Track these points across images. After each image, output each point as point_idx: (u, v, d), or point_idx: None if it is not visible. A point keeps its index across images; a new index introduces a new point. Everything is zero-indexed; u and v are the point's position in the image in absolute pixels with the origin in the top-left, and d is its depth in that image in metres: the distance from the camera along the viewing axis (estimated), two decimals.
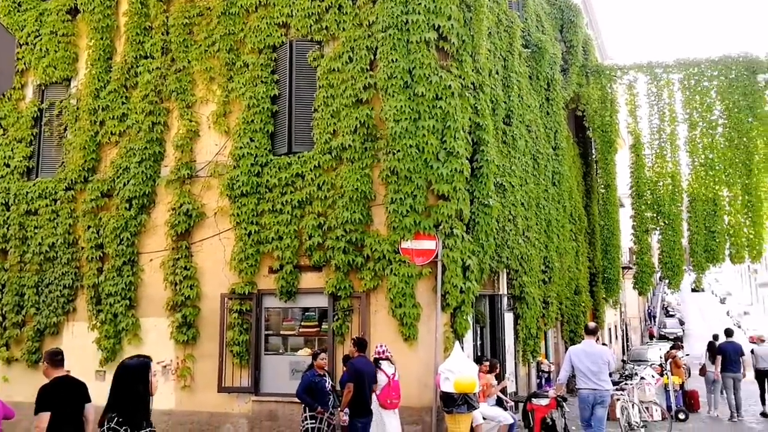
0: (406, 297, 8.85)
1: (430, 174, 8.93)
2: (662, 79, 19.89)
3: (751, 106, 18.93)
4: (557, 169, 15.72)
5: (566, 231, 16.39)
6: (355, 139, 9.33)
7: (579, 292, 17.59)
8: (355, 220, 9.15)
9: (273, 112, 10.13)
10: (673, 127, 19.82)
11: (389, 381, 7.86)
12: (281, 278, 9.58)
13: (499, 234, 10.90)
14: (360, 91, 9.42)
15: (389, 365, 8.03)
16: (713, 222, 19.53)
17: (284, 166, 9.83)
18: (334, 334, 9.28)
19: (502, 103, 11.51)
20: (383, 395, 7.78)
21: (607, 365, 8.05)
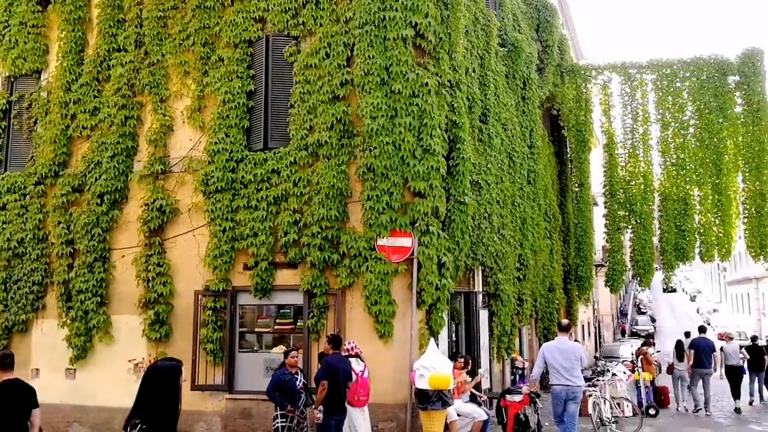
0: (381, 294, 8.86)
1: (406, 171, 8.94)
2: (636, 80, 20.17)
3: (722, 107, 19.30)
4: (532, 167, 15.85)
5: (541, 229, 16.55)
6: (332, 136, 9.29)
7: (553, 289, 17.78)
8: (331, 217, 9.12)
9: (249, 107, 10.04)
10: (646, 127, 20.12)
11: (357, 378, 7.86)
12: (256, 275, 9.51)
13: (475, 231, 10.97)
14: (337, 87, 9.38)
15: (358, 362, 8.02)
16: (684, 221, 19.86)
17: (260, 162, 9.75)
18: (309, 331, 9.24)
19: (478, 101, 11.56)
20: (350, 392, 7.77)
21: (580, 361, 8.14)
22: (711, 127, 19.29)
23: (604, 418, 10.56)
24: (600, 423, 10.43)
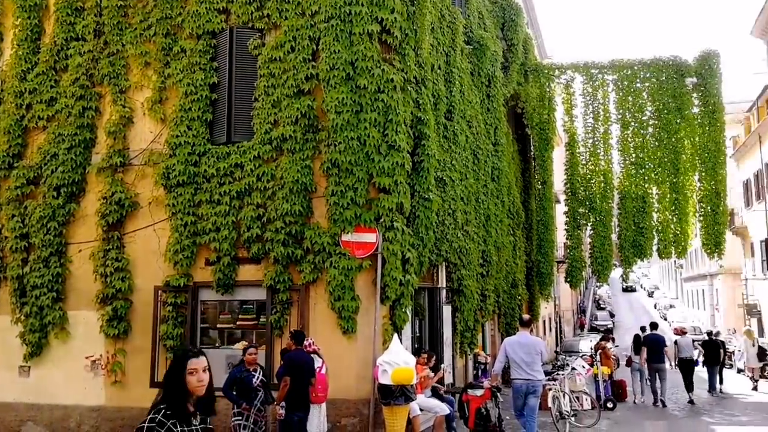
0: (345, 290, 8.84)
1: (371, 167, 8.93)
2: (597, 80, 20.53)
3: (680, 108, 19.79)
4: (496, 164, 16.02)
5: (504, 226, 16.74)
6: (296, 130, 9.22)
7: (516, 285, 18.02)
8: (295, 212, 9.05)
9: (212, 100, 9.88)
10: (607, 126, 20.51)
11: (315, 375, 7.83)
12: (218, 270, 9.38)
13: (439, 228, 11.03)
14: (302, 81, 9.31)
15: (316, 359, 8.00)
16: (642, 218, 20.32)
17: (223, 156, 9.62)
18: (272, 327, 9.17)
19: (443, 98, 11.61)
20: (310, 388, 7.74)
21: (540, 356, 8.27)
22: (669, 127, 19.77)
23: (564, 412, 10.74)
24: (559, 416, 10.62)
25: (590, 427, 10.98)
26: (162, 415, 3.07)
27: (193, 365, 3.16)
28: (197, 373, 3.16)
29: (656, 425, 11.54)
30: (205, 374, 3.18)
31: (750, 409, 14.00)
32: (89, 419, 9.70)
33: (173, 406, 3.11)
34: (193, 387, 3.14)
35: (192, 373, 3.15)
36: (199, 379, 3.16)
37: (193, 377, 3.15)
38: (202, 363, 3.20)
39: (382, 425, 8.51)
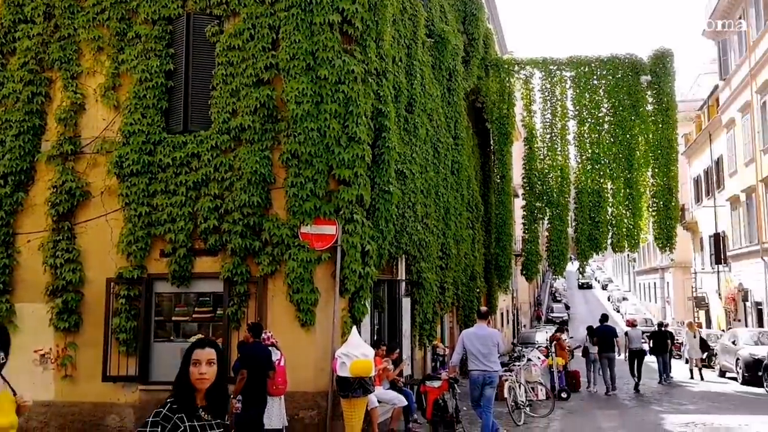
0: (304, 282, 8.77)
1: (331, 159, 8.87)
2: (555, 76, 20.85)
3: (635, 105, 20.27)
4: (456, 158, 16.12)
5: (464, 219, 16.89)
6: (255, 120, 9.08)
7: (474, 277, 18.22)
8: (254, 203, 8.93)
9: (167, 87, 9.64)
10: (564, 122, 20.87)
11: (274, 367, 7.76)
12: (174, 262, 9.20)
13: (399, 220, 11.04)
14: (261, 70, 9.16)
15: (274, 351, 7.93)
16: (598, 213, 20.79)
17: (179, 145, 9.41)
18: (229, 320, 9.05)
19: (404, 90, 11.60)
20: (269, 382, 7.67)
21: (497, 347, 8.38)
22: (624, 124, 20.24)
23: (519, 402, 10.94)
24: (515, 406, 10.80)
25: (544, 416, 11.20)
26: (167, 409, 2.88)
27: (196, 356, 2.93)
28: (199, 365, 2.91)
29: (607, 414, 11.85)
30: (209, 367, 2.92)
31: (697, 397, 14.51)
32: (39, 414, 9.40)
33: (179, 399, 2.91)
34: (194, 379, 2.90)
35: (195, 364, 2.92)
36: (200, 371, 2.91)
37: (194, 369, 2.91)
38: (207, 355, 2.94)
39: (341, 417, 8.50)
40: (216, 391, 2.97)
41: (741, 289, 26.78)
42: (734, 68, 27.14)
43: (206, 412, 2.94)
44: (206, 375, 2.90)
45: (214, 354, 2.96)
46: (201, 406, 2.94)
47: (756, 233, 24.75)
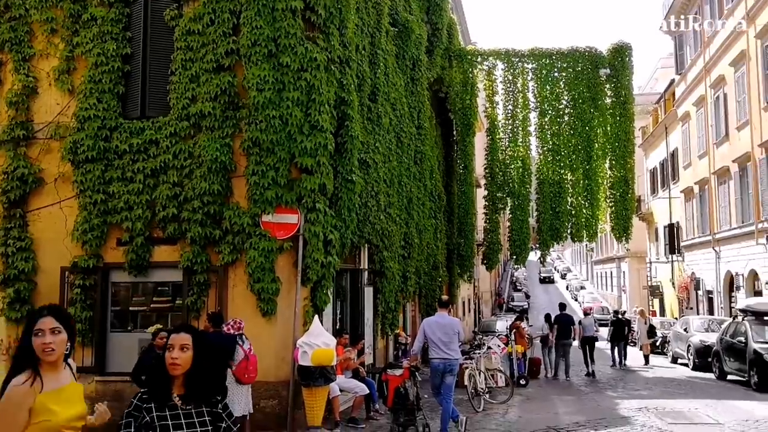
0: (265, 271, 8.70)
1: (293, 147, 8.79)
2: (517, 68, 21.07)
3: (594, 98, 20.65)
4: (420, 148, 16.17)
5: (426, 209, 16.98)
6: (216, 107, 8.93)
7: (436, 267, 18.37)
8: (214, 191, 8.79)
9: (124, 72, 9.40)
10: (525, 113, 21.13)
11: (247, 355, 7.70)
12: (131, 251, 9.01)
13: (362, 210, 11.03)
14: (222, 56, 8.99)
15: (244, 340, 7.86)
16: (558, 203, 21.16)
17: (136, 131, 9.19)
18: (188, 309, 8.92)
19: (368, 79, 11.56)
20: (240, 370, 7.61)
21: (458, 336, 8.46)
22: (583, 117, 20.60)
23: (479, 389, 11.10)
24: (475, 393, 10.96)
25: (503, 402, 11.40)
26: (138, 399, 2.77)
27: (170, 341, 2.82)
28: (172, 350, 2.78)
29: (565, 400, 12.13)
30: (181, 352, 2.77)
31: (650, 383, 14.98)
32: None
33: (149, 387, 2.80)
34: (167, 365, 2.77)
35: (169, 348, 2.79)
36: (171, 356, 2.76)
37: (167, 354, 2.78)
38: (180, 340, 2.80)
39: (302, 407, 8.49)
40: (196, 378, 2.81)
41: (693, 278, 27.68)
42: (690, 63, 27.87)
43: (185, 400, 2.79)
44: (178, 360, 2.76)
45: (189, 339, 2.81)
46: (179, 394, 2.80)
47: (708, 224, 25.58)
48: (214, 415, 2.84)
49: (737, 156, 22.00)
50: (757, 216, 20.42)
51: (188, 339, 2.81)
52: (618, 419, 9.65)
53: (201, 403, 2.81)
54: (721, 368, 15.33)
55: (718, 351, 15.55)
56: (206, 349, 2.88)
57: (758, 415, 9.79)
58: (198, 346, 2.82)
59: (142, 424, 2.70)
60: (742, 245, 21.94)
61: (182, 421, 2.75)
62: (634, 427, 8.90)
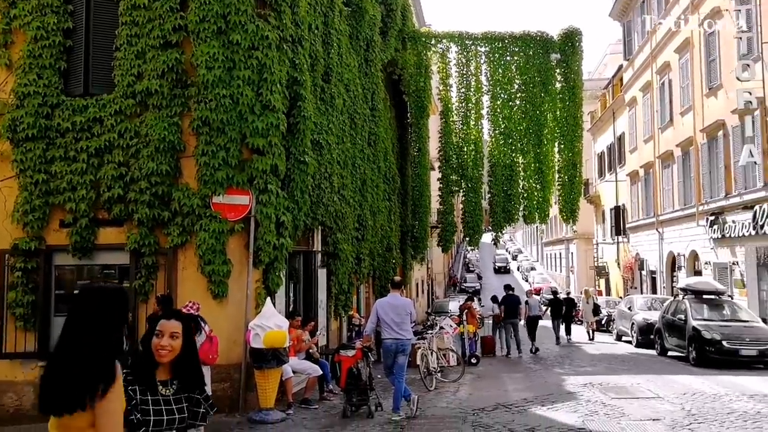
0: (216, 253, 8.57)
1: (244, 127, 8.63)
2: (471, 51, 21.22)
3: (544, 83, 20.99)
4: (373, 130, 16.13)
5: (380, 191, 17.00)
6: (163, 85, 8.68)
7: (390, 249, 18.46)
8: (162, 171, 8.58)
9: (66, 47, 9.03)
10: (478, 96, 21.33)
11: (210, 337, 7.59)
12: (75, 233, 8.73)
13: (315, 191, 10.96)
14: (169, 32, 8.72)
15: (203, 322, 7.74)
16: (510, 186, 21.54)
17: (79, 109, 8.87)
18: (136, 292, 8.72)
19: (321, 59, 11.43)
20: (204, 351, 7.49)
21: (410, 316, 8.55)
22: (534, 101, 20.94)
23: (431, 368, 11.27)
24: (427, 372, 11.12)
25: (455, 381, 11.61)
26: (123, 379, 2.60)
27: (160, 326, 2.77)
28: (162, 337, 2.74)
29: (513, 377, 12.44)
30: (171, 340, 2.74)
31: (595, 360, 15.50)
32: None
33: (134, 370, 2.76)
34: (154, 350, 2.74)
35: (158, 335, 2.75)
36: (160, 343, 2.73)
37: (156, 340, 2.74)
38: (171, 327, 2.76)
39: (254, 389, 8.45)
40: (184, 365, 2.80)
41: (638, 258, 28.65)
42: (637, 50, 28.57)
43: (167, 386, 2.78)
44: (167, 348, 2.74)
45: (180, 327, 2.79)
46: (163, 380, 2.79)
47: (652, 206, 26.46)
48: (192, 401, 2.85)
49: (680, 140, 22.76)
50: (698, 199, 21.24)
51: (178, 326, 2.78)
52: (564, 395, 9.96)
53: (188, 390, 2.82)
54: (662, 345, 15.97)
55: (660, 328, 16.18)
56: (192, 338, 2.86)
57: (695, 388, 10.26)
58: (187, 334, 2.80)
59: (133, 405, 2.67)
60: (683, 227, 22.80)
61: (162, 407, 2.75)
62: (579, 402, 9.21)
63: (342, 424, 8.10)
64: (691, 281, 16.68)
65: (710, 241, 20.29)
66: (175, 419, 2.77)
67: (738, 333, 13.57)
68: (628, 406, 8.78)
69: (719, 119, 19.30)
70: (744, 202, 17.84)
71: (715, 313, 14.61)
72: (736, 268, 18.69)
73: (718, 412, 8.31)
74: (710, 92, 20.19)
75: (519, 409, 8.85)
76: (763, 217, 16.54)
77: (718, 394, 9.63)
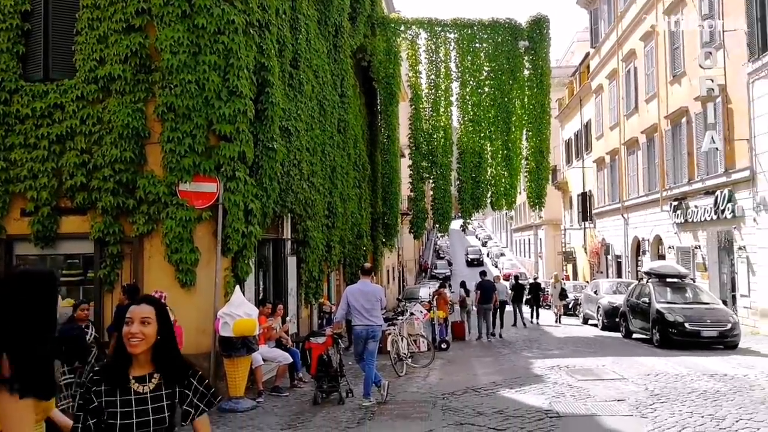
0: (183, 242, 8.45)
1: (211, 113, 8.49)
2: (440, 37, 21.21)
3: (513, 70, 21.11)
4: (343, 116, 16.04)
5: (350, 178, 16.95)
6: (126, 70, 8.47)
7: (361, 236, 18.45)
8: (126, 158, 8.40)
9: (24, 30, 8.74)
10: (448, 83, 21.37)
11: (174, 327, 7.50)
12: (37, 222, 8.52)
13: (284, 178, 10.87)
14: (132, 15, 8.51)
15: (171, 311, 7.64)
16: (479, 173, 21.69)
17: (39, 95, 8.61)
18: (101, 282, 8.57)
19: (289, 45, 11.29)
20: None
21: (380, 303, 8.57)
22: (503, 88, 21.07)
23: (402, 354, 11.34)
24: (397, 358, 11.19)
25: (425, 366, 11.70)
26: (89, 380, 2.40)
27: (129, 313, 2.44)
28: (131, 324, 2.40)
29: (483, 361, 12.59)
30: (142, 326, 2.39)
31: (562, 343, 15.78)
32: None
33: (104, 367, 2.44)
34: (125, 340, 2.39)
35: (127, 322, 2.41)
36: (131, 331, 2.38)
37: (126, 329, 2.39)
38: (141, 312, 2.41)
39: (224, 378, 8.40)
40: (162, 354, 2.45)
41: (604, 243, 29.19)
42: (603, 37, 28.91)
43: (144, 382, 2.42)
44: (138, 335, 2.38)
45: (151, 311, 2.43)
46: (141, 375, 2.43)
47: (618, 192, 26.94)
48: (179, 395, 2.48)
49: (645, 127, 23.18)
50: (662, 184, 21.69)
51: (150, 311, 2.43)
52: (532, 378, 10.13)
53: (172, 383, 2.46)
54: (627, 327, 16.34)
55: (625, 311, 16.54)
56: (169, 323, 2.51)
57: (658, 369, 10.52)
58: (162, 319, 2.46)
59: (92, 409, 2.35)
60: (648, 212, 23.29)
61: (132, 409, 2.39)
62: (546, 385, 9.37)
63: (313, 410, 8.11)
64: (655, 265, 17.07)
65: (673, 226, 20.77)
66: (149, 421, 2.40)
67: (700, 315, 13.94)
68: (593, 388, 8.98)
69: (683, 106, 19.70)
70: (706, 187, 18.29)
71: (677, 296, 14.98)
72: (698, 252, 19.19)
73: (679, 391, 8.55)
74: (674, 80, 20.57)
75: (488, 392, 8.97)
76: (724, 202, 16.99)
77: (680, 375, 9.90)
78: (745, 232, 16.33)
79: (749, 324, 15.97)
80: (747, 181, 16.12)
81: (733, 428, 6.60)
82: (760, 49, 15.32)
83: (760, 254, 15.59)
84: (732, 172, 16.85)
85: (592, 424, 7.03)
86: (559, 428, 6.78)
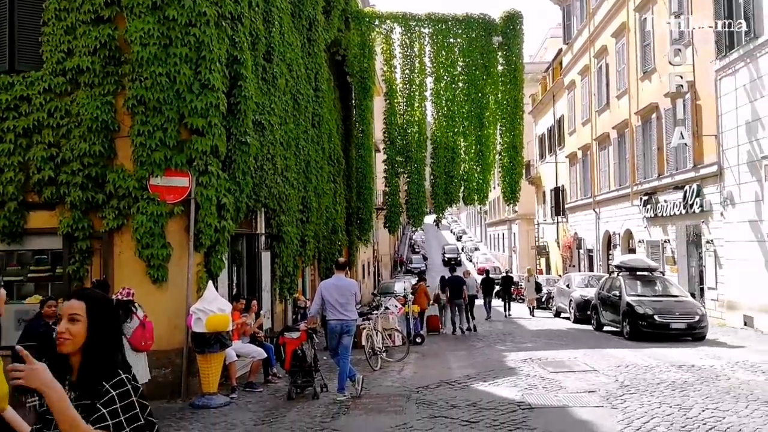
0: (154, 237, 8.34)
1: (182, 106, 8.38)
2: (414, 32, 21.21)
3: (486, 65, 21.22)
4: (317, 111, 15.96)
5: (325, 172, 16.89)
6: (95, 62, 8.32)
7: (336, 231, 18.41)
8: (95, 152, 8.26)
9: None
10: (422, 78, 21.40)
11: (143, 323, 7.40)
12: (3, 217, 8.35)
13: (257, 173, 10.78)
14: (101, 7, 8.35)
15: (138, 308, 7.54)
16: (452, 168, 21.79)
17: (4, 87, 8.42)
18: (70, 278, 8.42)
19: (262, 38, 11.18)
20: (137, 338, 7.31)
21: (354, 297, 8.58)
22: (476, 83, 21.17)
23: (376, 348, 11.37)
24: (372, 353, 11.21)
25: (400, 360, 11.75)
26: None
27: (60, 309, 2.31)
28: (61, 320, 2.17)
29: (457, 355, 12.69)
30: (70, 324, 2.12)
31: (535, 336, 15.98)
32: None
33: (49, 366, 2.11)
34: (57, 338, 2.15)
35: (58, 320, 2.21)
36: (59, 329, 2.14)
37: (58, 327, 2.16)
38: (68, 308, 2.16)
39: (197, 374, 8.32)
40: (88, 358, 2.13)
41: (576, 237, 29.58)
42: (576, 33, 29.23)
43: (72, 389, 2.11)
44: (65, 334, 2.12)
45: (81, 307, 2.15)
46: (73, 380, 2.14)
47: (590, 187, 27.30)
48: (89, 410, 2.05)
49: (616, 123, 23.51)
50: (633, 179, 22.04)
51: (80, 307, 2.15)
52: (505, 370, 10.24)
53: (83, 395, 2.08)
54: (598, 320, 16.60)
55: (596, 304, 16.80)
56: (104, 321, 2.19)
57: (629, 361, 10.72)
58: (94, 316, 2.16)
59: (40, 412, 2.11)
60: (619, 206, 23.65)
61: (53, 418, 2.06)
62: (519, 377, 9.48)
63: (287, 406, 8.09)
64: (626, 259, 17.36)
65: (644, 220, 21.14)
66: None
67: (669, 308, 14.22)
68: (565, 380, 9.11)
69: (653, 102, 20.02)
70: (675, 182, 18.64)
71: (647, 289, 15.26)
72: (668, 246, 19.56)
73: (648, 382, 8.72)
74: (644, 76, 20.89)
75: (462, 385, 9.04)
76: (693, 196, 17.34)
77: (650, 366, 10.10)
78: (713, 226, 16.70)
79: (716, 316, 16.35)
80: (715, 176, 16.47)
81: (699, 417, 6.76)
82: (728, 47, 15.64)
83: (727, 248, 15.95)
84: (700, 167, 17.20)
85: (564, 415, 7.14)
86: (531, 420, 6.86)
